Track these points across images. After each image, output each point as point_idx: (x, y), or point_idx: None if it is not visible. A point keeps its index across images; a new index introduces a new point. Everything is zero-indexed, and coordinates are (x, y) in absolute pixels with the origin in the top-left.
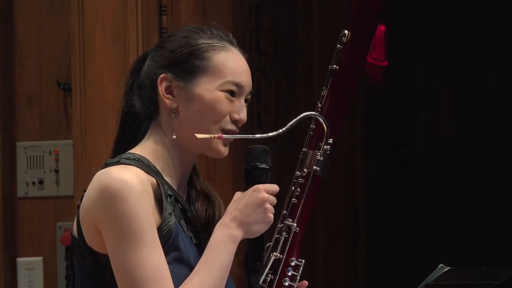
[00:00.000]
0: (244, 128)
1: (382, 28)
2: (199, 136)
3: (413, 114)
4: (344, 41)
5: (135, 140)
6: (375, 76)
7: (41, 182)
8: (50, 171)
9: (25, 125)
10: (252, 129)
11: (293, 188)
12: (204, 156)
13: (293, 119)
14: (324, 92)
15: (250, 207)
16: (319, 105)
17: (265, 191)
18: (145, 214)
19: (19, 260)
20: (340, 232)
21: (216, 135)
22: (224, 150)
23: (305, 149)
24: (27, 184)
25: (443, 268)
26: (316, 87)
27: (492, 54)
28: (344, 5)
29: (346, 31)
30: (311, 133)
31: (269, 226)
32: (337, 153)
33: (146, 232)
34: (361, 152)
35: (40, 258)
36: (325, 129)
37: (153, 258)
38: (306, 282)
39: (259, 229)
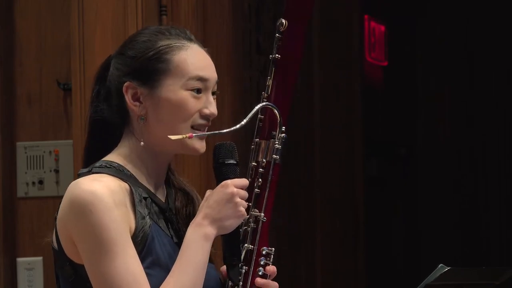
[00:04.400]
0: (245, 127)
1: (382, 28)
2: (172, 137)
3: (413, 114)
4: (281, 30)
5: (107, 148)
6: (375, 76)
7: (41, 182)
8: (50, 171)
9: (25, 125)
10: (253, 129)
11: (250, 179)
12: (205, 161)
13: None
14: (269, 82)
15: (220, 203)
16: (265, 94)
17: (234, 186)
18: (116, 224)
19: (19, 260)
20: (339, 232)
21: (187, 135)
22: (201, 147)
23: (257, 139)
24: (27, 184)
25: (443, 268)
26: (316, 87)
27: (492, 54)
28: (344, 5)
29: (283, 20)
30: (260, 123)
31: (242, 220)
32: (337, 153)
33: (118, 242)
34: (361, 152)
35: (40, 258)
36: (278, 118)
37: (127, 266)
38: (274, 268)
39: (232, 224)
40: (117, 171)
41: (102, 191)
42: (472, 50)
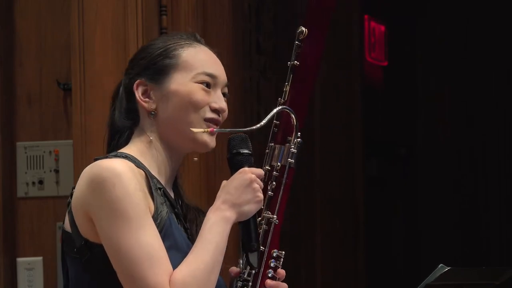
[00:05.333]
0: (244, 127)
1: (382, 28)
2: (195, 130)
3: (413, 114)
4: (301, 38)
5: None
6: (375, 76)
7: (41, 182)
8: (50, 171)
9: (25, 125)
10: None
11: (267, 184)
12: (205, 162)
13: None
14: (287, 88)
15: (239, 189)
16: (282, 100)
17: (251, 173)
18: (137, 198)
19: (19, 260)
20: (339, 232)
21: (208, 129)
22: (211, 141)
23: (272, 144)
24: (27, 184)
25: (443, 268)
26: (316, 87)
27: (492, 54)
28: (344, 5)
29: (303, 28)
30: (275, 128)
31: (260, 205)
32: (337, 153)
33: (139, 214)
34: (361, 152)
35: (40, 258)
36: (295, 122)
37: (148, 239)
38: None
39: (250, 208)
40: (133, 161)
41: (122, 167)
42: (472, 50)
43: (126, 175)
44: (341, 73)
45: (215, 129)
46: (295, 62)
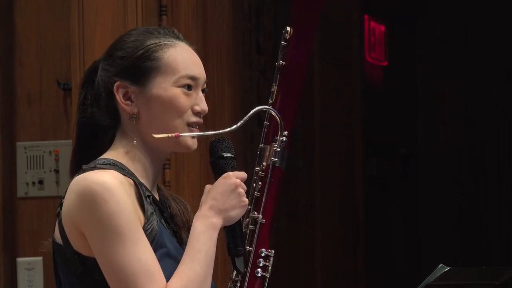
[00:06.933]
0: (244, 128)
1: (382, 28)
2: (156, 136)
3: (413, 114)
4: (287, 38)
5: (99, 150)
6: (375, 76)
7: (41, 182)
8: (50, 171)
9: (25, 125)
10: (252, 129)
11: (254, 184)
12: (205, 162)
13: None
14: (274, 88)
15: (225, 194)
16: (270, 101)
17: (235, 177)
18: (128, 212)
19: (19, 260)
20: (339, 232)
21: (173, 134)
22: (193, 143)
23: (262, 145)
24: (27, 184)
25: (443, 268)
26: (316, 87)
27: (492, 54)
28: (344, 5)
29: (288, 28)
30: (265, 130)
31: (245, 210)
32: (337, 153)
33: (131, 229)
34: (361, 152)
35: (40, 258)
36: (279, 121)
37: (141, 254)
38: None
39: (236, 213)
40: (120, 169)
41: (111, 181)
42: (472, 50)
43: (116, 189)
44: (341, 73)
45: (180, 134)
46: (282, 62)
